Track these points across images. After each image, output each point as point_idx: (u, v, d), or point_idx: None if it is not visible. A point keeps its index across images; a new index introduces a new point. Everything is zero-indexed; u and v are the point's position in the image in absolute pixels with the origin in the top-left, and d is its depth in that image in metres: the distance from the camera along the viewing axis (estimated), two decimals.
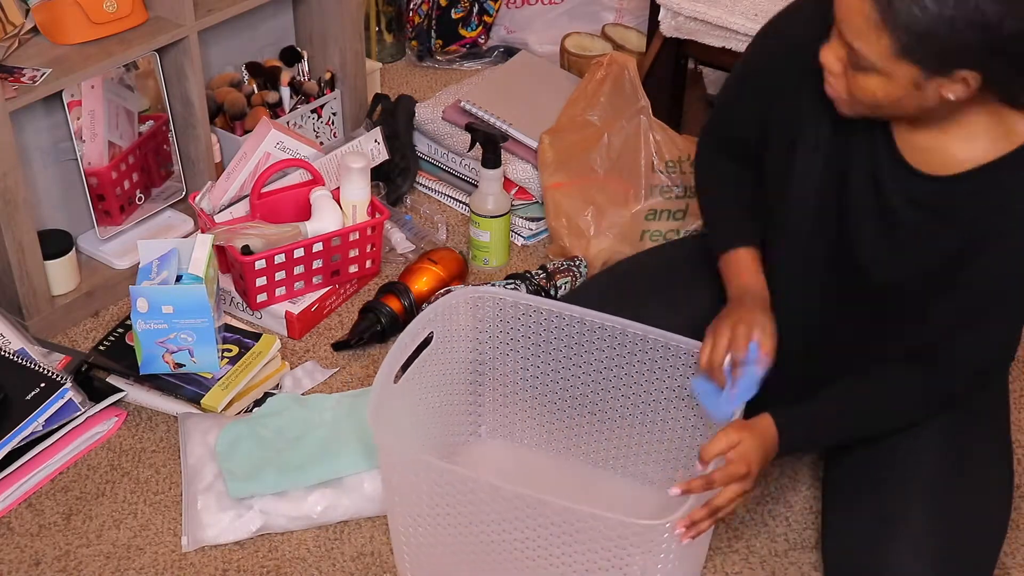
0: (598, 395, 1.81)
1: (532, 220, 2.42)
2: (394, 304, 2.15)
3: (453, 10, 3.00)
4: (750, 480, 1.50)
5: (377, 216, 2.22)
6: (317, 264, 2.16)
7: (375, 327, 2.13)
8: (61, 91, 2.03)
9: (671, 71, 2.52)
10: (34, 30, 2.08)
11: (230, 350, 2.01)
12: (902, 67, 1.34)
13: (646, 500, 1.80)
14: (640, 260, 1.98)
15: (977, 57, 1.31)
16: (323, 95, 2.53)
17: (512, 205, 2.36)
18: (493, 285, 2.13)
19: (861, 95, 1.40)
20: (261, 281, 2.12)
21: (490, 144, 2.29)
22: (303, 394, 2.02)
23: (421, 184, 2.56)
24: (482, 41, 3.05)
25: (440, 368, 1.79)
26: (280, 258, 2.10)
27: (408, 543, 1.64)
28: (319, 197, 2.19)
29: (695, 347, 1.65)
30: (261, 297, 2.15)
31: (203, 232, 2.10)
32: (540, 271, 2.20)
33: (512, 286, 2.14)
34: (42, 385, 1.86)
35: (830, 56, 1.41)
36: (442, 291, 2.12)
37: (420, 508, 1.58)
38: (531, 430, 1.89)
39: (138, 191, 2.28)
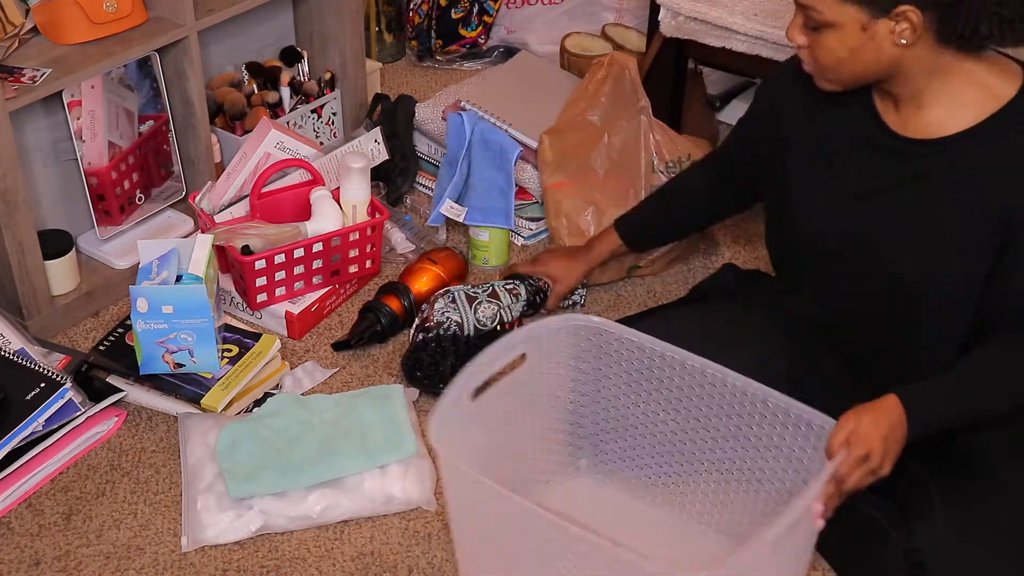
0: (696, 443, 1.72)
1: (532, 220, 2.42)
2: (394, 304, 2.15)
3: (453, 10, 3.00)
4: (876, 458, 1.48)
5: (377, 216, 2.22)
6: (317, 264, 2.17)
7: (375, 327, 2.13)
8: (61, 91, 2.03)
9: (671, 71, 2.52)
10: (34, 30, 2.08)
11: (230, 350, 2.01)
12: (847, 11, 1.47)
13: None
14: (714, 296, 2.02)
15: None
16: (323, 95, 2.53)
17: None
18: (493, 285, 2.13)
19: (825, 56, 1.53)
20: (261, 281, 2.12)
21: None
22: (303, 394, 2.02)
23: (421, 184, 2.56)
24: (482, 41, 3.05)
25: (533, 392, 1.74)
26: (280, 258, 2.10)
27: (466, 555, 1.61)
28: (319, 197, 2.19)
29: (797, 408, 1.58)
30: (261, 297, 2.15)
31: (203, 232, 2.10)
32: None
33: (511, 286, 2.13)
34: (42, 385, 1.86)
35: (794, 31, 1.56)
36: (441, 291, 2.12)
37: (479, 526, 1.54)
38: (628, 471, 1.81)
39: (138, 191, 2.28)
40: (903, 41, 1.47)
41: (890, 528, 1.61)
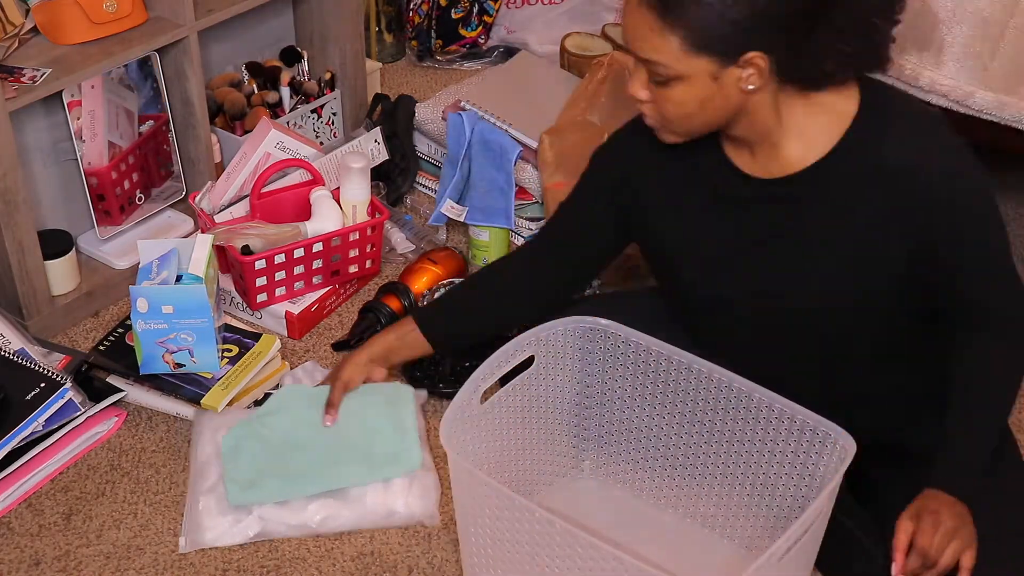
0: (701, 447, 1.72)
1: (532, 220, 2.42)
2: (394, 304, 2.15)
3: (453, 10, 3.00)
4: (947, 525, 1.47)
5: (377, 216, 2.22)
6: (317, 264, 2.17)
7: (375, 327, 2.13)
8: (61, 91, 2.03)
9: None
10: (34, 30, 2.08)
11: (230, 350, 2.01)
12: (696, 62, 1.41)
13: (737, 566, 1.67)
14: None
15: (755, 34, 1.39)
16: (323, 95, 2.53)
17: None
18: None
19: (673, 110, 1.47)
20: (261, 281, 2.12)
21: None
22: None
23: (421, 184, 2.56)
24: (482, 41, 3.06)
25: (539, 395, 1.74)
26: (280, 258, 2.10)
27: (472, 556, 1.60)
28: (319, 197, 2.19)
29: (803, 413, 1.58)
30: (261, 297, 2.15)
31: (203, 232, 2.10)
32: None
33: None
34: (42, 385, 1.86)
35: (636, 85, 1.49)
36: (444, 282, 2.12)
37: (484, 529, 1.53)
38: (633, 473, 1.81)
39: (138, 191, 2.28)
40: (750, 87, 1.43)
41: (870, 543, 1.61)
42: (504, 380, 1.71)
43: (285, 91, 2.47)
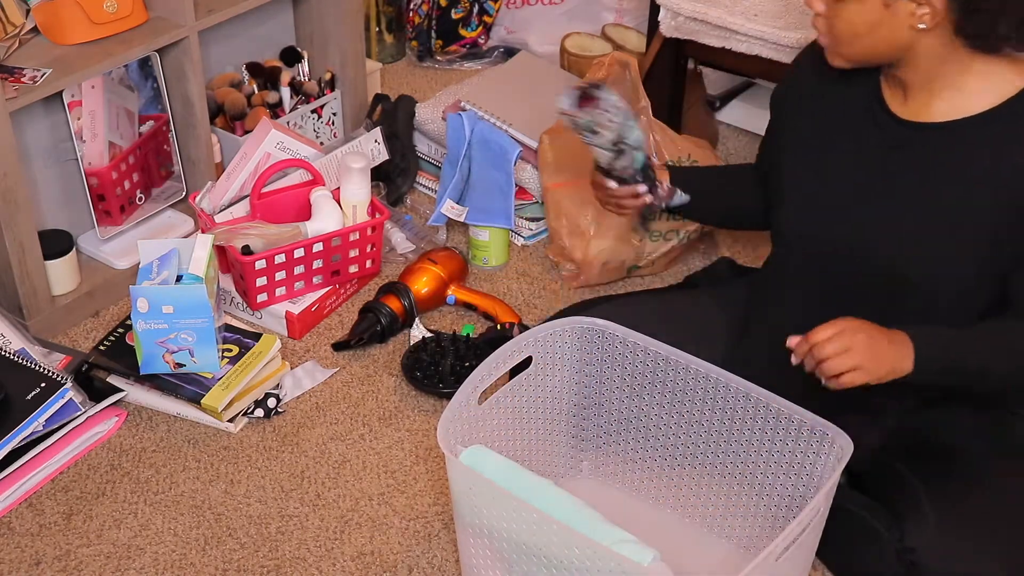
0: (699, 447, 1.72)
1: (532, 220, 2.42)
2: (394, 304, 2.15)
3: (453, 10, 3.00)
4: (857, 356, 1.45)
5: (377, 216, 2.22)
6: (317, 264, 2.17)
7: (375, 327, 2.13)
8: (61, 91, 2.03)
9: (671, 71, 2.52)
10: (34, 30, 2.08)
11: (230, 350, 2.01)
12: None
13: (735, 565, 1.66)
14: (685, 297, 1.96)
15: None
16: (323, 95, 2.53)
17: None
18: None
19: (842, 27, 1.50)
20: (261, 281, 2.12)
21: None
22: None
23: (421, 184, 2.57)
24: (482, 41, 3.06)
25: (538, 395, 1.74)
26: (280, 258, 2.11)
27: (471, 556, 1.60)
28: (319, 197, 2.19)
29: (800, 413, 1.58)
30: (261, 297, 2.15)
31: (203, 232, 2.10)
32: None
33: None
34: (42, 385, 1.86)
35: None
36: (451, 287, 2.12)
37: (482, 529, 1.53)
38: (631, 473, 1.80)
39: (138, 191, 2.29)
40: (921, 26, 1.44)
41: (882, 529, 1.61)
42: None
43: (285, 91, 2.47)
